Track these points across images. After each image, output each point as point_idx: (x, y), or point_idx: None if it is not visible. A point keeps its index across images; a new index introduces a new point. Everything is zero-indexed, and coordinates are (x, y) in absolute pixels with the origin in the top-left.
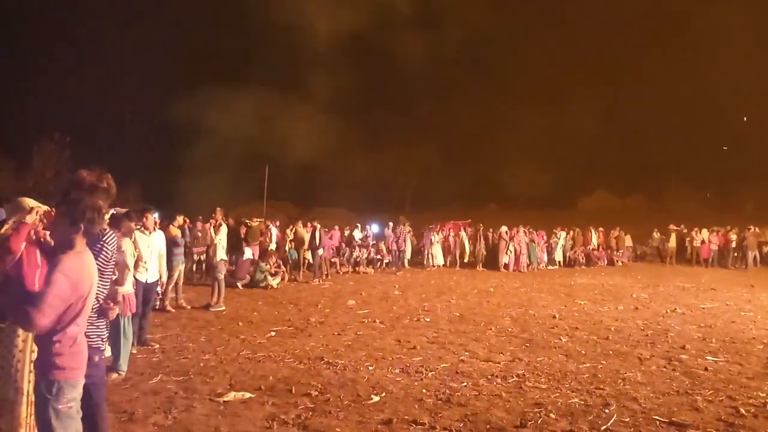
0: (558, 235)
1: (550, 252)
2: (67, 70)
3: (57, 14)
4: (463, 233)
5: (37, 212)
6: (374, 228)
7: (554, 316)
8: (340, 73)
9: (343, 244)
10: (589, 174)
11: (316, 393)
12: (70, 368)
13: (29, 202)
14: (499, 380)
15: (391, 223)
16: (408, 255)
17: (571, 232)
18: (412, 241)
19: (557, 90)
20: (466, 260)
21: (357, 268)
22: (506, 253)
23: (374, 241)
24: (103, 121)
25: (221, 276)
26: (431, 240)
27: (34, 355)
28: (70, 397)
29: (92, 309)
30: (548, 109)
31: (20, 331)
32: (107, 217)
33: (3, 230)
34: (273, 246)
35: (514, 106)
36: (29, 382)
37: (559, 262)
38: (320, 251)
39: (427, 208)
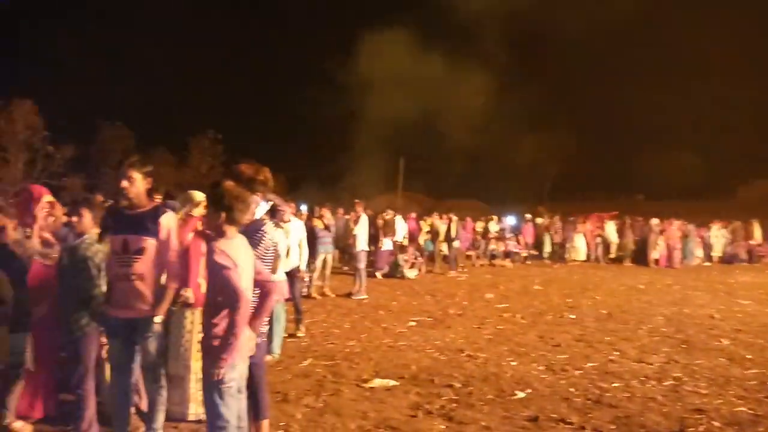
0: (716, 229)
1: (706, 247)
2: (221, 70)
3: (211, 16)
4: (608, 226)
5: (203, 205)
6: (511, 220)
7: (713, 317)
8: (480, 55)
9: (479, 237)
10: (751, 160)
11: (459, 385)
12: None
13: (198, 195)
14: (653, 382)
15: (528, 215)
16: (547, 249)
17: (731, 225)
18: (552, 235)
19: (718, 67)
20: (612, 255)
21: (493, 261)
22: (657, 247)
23: (511, 234)
24: (252, 116)
25: (362, 266)
26: (573, 233)
27: (200, 336)
28: (231, 376)
29: (253, 294)
30: (704, 88)
31: (188, 314)
32: (268, 207)
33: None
34: (400, 238)
35: (665, 87)
36: (196, 360)
37: (717, 258)
38: (456, 243)
39: (569, 198)
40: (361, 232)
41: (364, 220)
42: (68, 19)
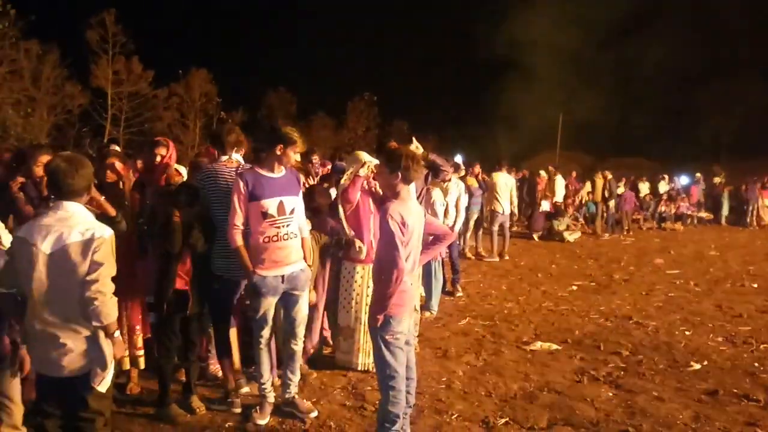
0: None
1: None
2: (376, 33)
3: None
4: None
5: (368, 166)
6: (683, 180)
7: None
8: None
9: (647, 198)
10: None
11: (627, 353)
12: (396, 305)
13: (363, 156)
14: None
15: (699, 175)
16: (725, 212)
17: None
18: (730, 196)
19: None
20: None
21: (663, 224)
22: None
23: (683, 195)
24: (405, 79)
25: (495, 227)
26: (756, 195)
27: (371, 291)
28: (397, 330)
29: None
30: None
31: (359, 268)
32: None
33: (342, 181)
34: (559, 198)
35: None
36: (365, 313)
37: None
38: (611, 203)
39: (750, 156)
40: (501, 192)
41: (500, 178)
42: None
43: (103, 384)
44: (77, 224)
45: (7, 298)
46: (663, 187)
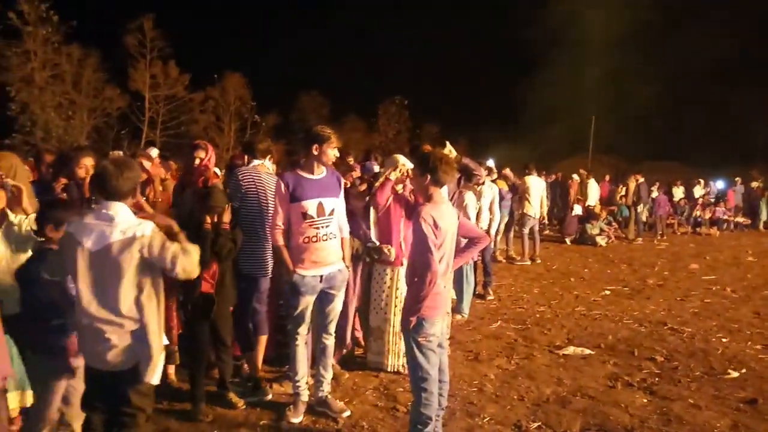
0: None
1: None
2: (408, 38)
3: None
4: None
5: (400, 170)
6: (719, 184)
7: None
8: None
9: (681, 202)
10: None
11: (662, 359)
12: (429, 307)
13: (400, 158)
14: None
15: (738, 179)
16: (763, 217)
17: None
18: (766, 201)
19: None
20: None
21: (698, 229)
22: None
23: (718, 200)
24: (436, 83)
25: (526, 230)
26: None
27: (399, 293)
28: (430, 332)
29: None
30: None
31: (388, 270)
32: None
33: (377, 183)
34: (592, 202)
35: None
36: (395, 315)
37: None
38: (640, 208)
39: None
40: (531, 195)
41: (532, 182)
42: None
43: (154, 376)
44: (120, 223)
45: (55, 286)
46: (698, 191)
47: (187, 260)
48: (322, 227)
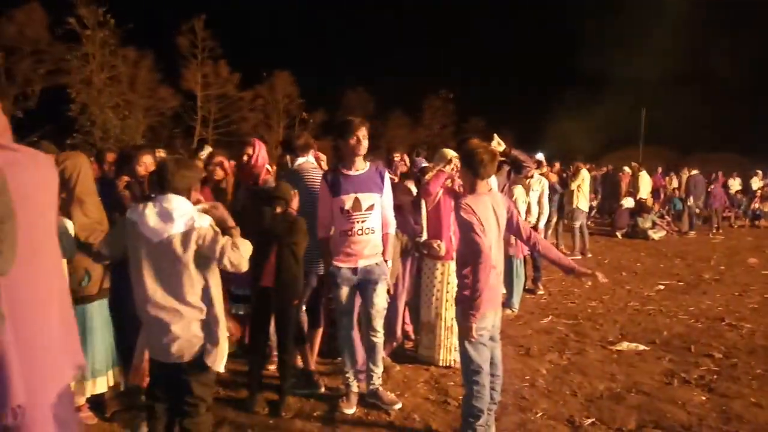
0: None
1: None
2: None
3: None
4: None
5: (451, 162)
6: None
7: None
8: None
9: (738, 195)
10: None
11: (720, 356)
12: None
13: (449, 153)
14: None
15: None
16: None
17: None
18: None
19: None
20: None
21: (756, 222)
22: None
23: None
24: (482, 76)
25: (577, 224)
26: None
27: (450, 287)
28: (481, 326)
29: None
30: None
31: (439, 265)
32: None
33: (427, 176)
34: (644, 195)
35: None
36: (446, 309)
37: None
38: (690, 200)
39: None
40: (580, 188)
41: (583, 175)
42: None
43: (218, 363)
44: (180, 216)
45: (103, 258)
46: (756, 183)
47: (235, 255)
48: (358, 222)
